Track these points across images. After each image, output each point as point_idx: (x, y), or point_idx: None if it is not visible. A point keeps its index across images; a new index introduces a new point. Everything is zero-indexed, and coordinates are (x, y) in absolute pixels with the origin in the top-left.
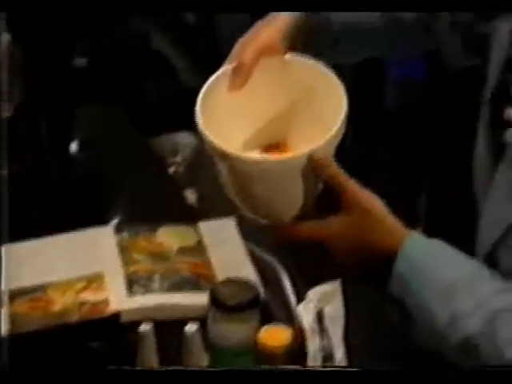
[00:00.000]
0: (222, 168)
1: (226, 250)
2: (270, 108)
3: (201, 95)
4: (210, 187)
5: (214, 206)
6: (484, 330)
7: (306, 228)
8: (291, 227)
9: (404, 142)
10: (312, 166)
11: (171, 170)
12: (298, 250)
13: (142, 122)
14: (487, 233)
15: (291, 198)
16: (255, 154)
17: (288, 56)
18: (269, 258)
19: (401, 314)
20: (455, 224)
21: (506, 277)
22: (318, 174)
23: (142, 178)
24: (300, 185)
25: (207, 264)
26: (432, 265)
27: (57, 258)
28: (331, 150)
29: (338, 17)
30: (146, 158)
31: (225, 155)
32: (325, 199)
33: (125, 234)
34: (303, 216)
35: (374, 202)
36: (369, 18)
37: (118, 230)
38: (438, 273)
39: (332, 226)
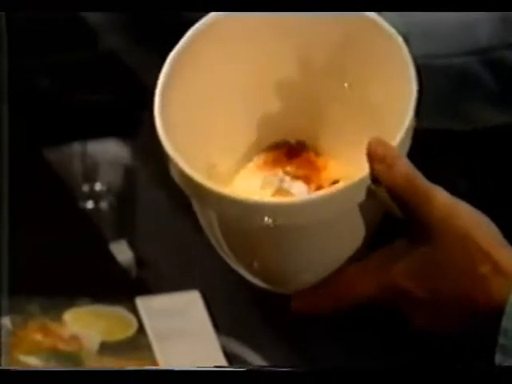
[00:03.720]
0: (208, 213)
1: (185, 345)
2: (281, 88)
3: (160, 83)
4: (153, 237)
5: (163, 268)
6: None
7: (356, 272)
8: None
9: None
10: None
11: (87, 205)
12: (298, 342)
13: (35, 120)
14: None
15: (337, 249)
16: (264, 188)
17: None
18: (254, 357)
19: None
20: None
21: None
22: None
23: (36, 219)
24: (354, 224)
25: None
26: None
27: None
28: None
29: None
30: (41, 184)
31: (216, 196)
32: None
33: (6, 322)
34: None
35: (476, 221)
36: None
37: None
38: None
39: (404, 265)
